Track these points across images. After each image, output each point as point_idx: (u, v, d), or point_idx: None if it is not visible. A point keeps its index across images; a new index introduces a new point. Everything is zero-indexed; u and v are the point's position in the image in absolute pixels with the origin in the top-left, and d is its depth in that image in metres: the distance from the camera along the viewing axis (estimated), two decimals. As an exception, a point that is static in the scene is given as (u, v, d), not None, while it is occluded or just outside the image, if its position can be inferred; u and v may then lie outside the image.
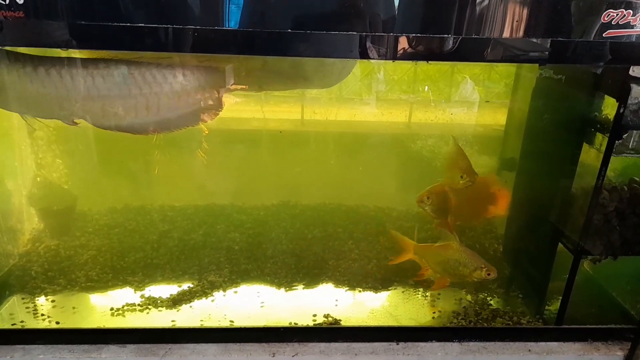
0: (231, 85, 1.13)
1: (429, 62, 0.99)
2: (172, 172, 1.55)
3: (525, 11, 0.91)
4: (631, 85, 0.97)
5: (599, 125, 1.06)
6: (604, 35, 0.92)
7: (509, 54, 0.95)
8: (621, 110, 0.99)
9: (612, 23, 0.91)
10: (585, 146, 1.10)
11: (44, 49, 0.98)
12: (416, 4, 0.91)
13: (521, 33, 0.93)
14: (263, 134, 1.61)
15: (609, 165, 1.09)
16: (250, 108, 1.50)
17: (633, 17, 0.91)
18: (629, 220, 1.10)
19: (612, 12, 0.91)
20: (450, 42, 0.92)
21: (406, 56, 0.94)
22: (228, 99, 1.11)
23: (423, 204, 1.26)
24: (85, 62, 0.99)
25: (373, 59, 0.94)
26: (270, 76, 1.10)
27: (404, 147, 1.62)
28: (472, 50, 0.94)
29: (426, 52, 0.93)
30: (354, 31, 0.89)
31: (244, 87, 1.14)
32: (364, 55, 0.92)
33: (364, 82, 1.55)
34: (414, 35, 0.91)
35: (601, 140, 1.04)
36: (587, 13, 0.91)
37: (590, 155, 1.08)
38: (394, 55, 0.94)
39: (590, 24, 0.91)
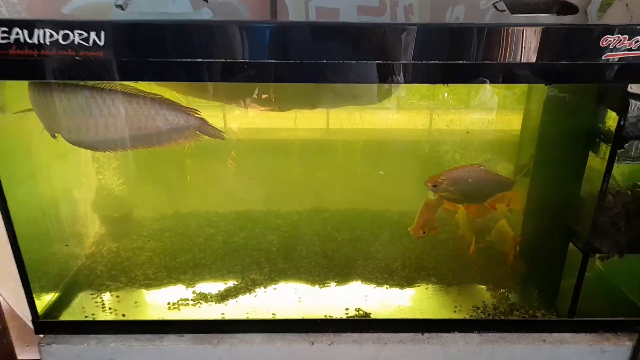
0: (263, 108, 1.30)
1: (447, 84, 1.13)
2: (215, 181, 1.72)
3: (535, 39, 1.04)
4: (629, 100, 1.08)
5: (602, 136, 1.17)
6: (603, 57, 1.04)
7: (520, 75, 1.08)
8: (621, 123, 1.10)
9: (610, 47, 1.03)
10: (591, 154, 1.21)
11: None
12: (437, 37, 1.05)
13: (533, 58, 1.05)
14: (295, 143, 1.76)
15: (616, 171, 1.21)
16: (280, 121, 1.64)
17: (629, 41, 1.03)
18: (633, 221, 1.20)
19: (610, 38, 1.03)
20: (467, 67, 1.05)
21: (428, 80, 1.08)
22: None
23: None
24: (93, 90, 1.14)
25: (401, 83, 1.08)
26: (323, 95, 1.25)
27: (424, 153, 1.74)
28: (489, 73, 1.07)
29: (445, 76, 1.07)
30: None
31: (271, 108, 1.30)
32: (394, 80, 1.07)
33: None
34: (433, 62, 1.05)
35: (605, 149, 1.16)
36: (587, 39, 1.03)
37: (595, 162, 1.20)
38: (417, 80, 1.08)
39: (591, 49, 1.03)
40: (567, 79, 1.10)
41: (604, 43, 1.03)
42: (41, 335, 1.33)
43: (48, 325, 1.33)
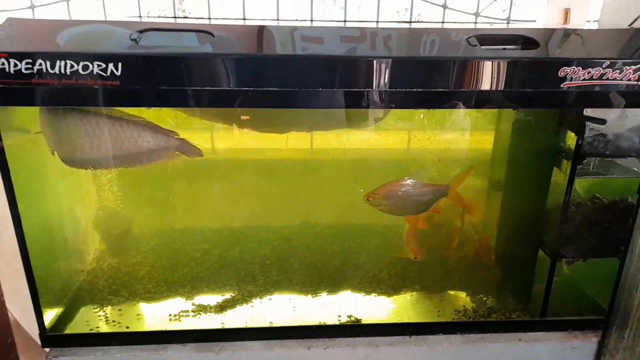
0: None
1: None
2: (207, 199, 1.81)
3: (503, 70, 1.19)
4: (585, 122, 1.25)
5: (564, 153, 1.33)
6: (561, 86, 1.20)
7: (490, 101, 1.23)
8: (579, 142, 1.26)
9: (567, 77, 1.20)
10: (555, 170, 1.37)
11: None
12: (418, 68, 1.19)
13: (502, 86, 1.20)
14: (284, 163, 1.87)
15: (578, 185, 1.36)
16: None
17: (583, 72, 1.19)
18: (593, 229, 1.36)
19: (567, 69, 1.19)
20: (444, 94, 1.20)
21: (404, 105, 1.22)
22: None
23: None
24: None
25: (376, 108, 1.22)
26: (318, 118, 1.37)
27: (404, 171, 1.87)
28: (463, 99, 1.22)
29: (420, 102, 1.21)
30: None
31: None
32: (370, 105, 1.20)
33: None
34: (410, 90, 1.19)
35: (566, 165, 1.31)
36: (548, 70, 1.19)
37: (559, 177, 1.35)
38: (397, 105, 1.22)
39: (551, 78, 1.19)
40: (531, 105, 1.26)
41: (562, 74, 1.19)
42: (47, 350, 1.39)
43: (55, 338, 1.39)
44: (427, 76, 1.18)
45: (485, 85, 1.20)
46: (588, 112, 1.26)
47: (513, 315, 1.49)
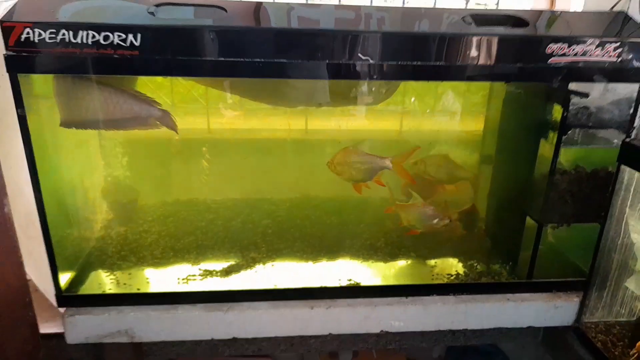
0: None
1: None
2: (212, 172, 1.89)
3: (496, 46, 1.28)
4: (570, 95, 1.35)
5: (551, 125, 1.43)
6: (549, 61, 1.30)
7: (483, 75, 1.32)
8: (565, 114, 1.36)
9: (554, 53, 1.29)
10: (542, 141, 1.47)
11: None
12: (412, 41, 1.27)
13: (494, 61, 1.30)
14: (288, 142, 1.95)
15: (563, 155, 1.47)
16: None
17: (568, 49, 1.29)
18: (577, 196, 1.47)
19: (553, 46, 1.29)
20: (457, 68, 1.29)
21: (399, 77, 1.31)
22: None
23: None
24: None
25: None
26: (329, 95, 1.45)
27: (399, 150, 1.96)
28: (458, 72, 1.31)
29: (426, 75, 1.30)
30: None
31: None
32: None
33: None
34: (409, 63, 1.28)
35: (553, 136, 1.42)
36: (536, 47, 1.28)
37: (546, 148, 1.45)
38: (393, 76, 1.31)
39: (539, 54, 1.29)
40: (521, 78, 1.36)
41: (549, 50, 1.29)
42: (61, 310, 1.46)
43: (70, 298, 1.46)
44: (426, 50, 1.27)
45: (480, 60, 1.30)
46: (572, 85, 1.36)
47: (502, 278, 1.60)
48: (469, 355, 2.08)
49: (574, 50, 1.30)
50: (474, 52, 1.29)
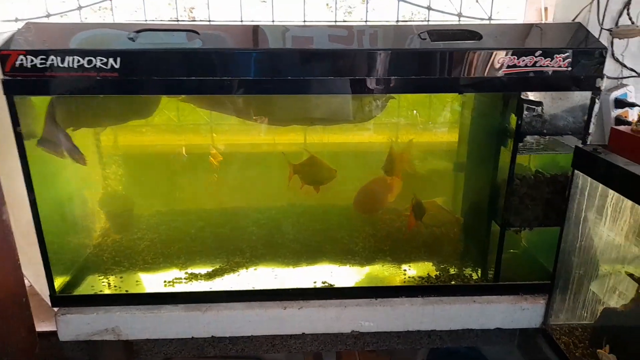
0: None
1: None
2: (203, 183, 2.01)
3: (454, 62, 1.37)
4: (523, 104, 1.42)
5: (508, 133, 1.50)
6: (500, 73, 1.38)
7: (439, 87, 1.41)
8: (519, 122, 1.43)
9: (504, 65, 1.37)
10: (502, 149, 1.54)
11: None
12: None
13: (450, 74, 1.38)
14: (272, 155, 2.06)
15: (523, 160, 1.54)
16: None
17: (517, 60, 1.37)
18: (537, 200, 1.52)
19: (503, 58, 1.37)
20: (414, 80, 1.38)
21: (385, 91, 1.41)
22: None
23: None
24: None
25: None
26: (319, 113, 1.57)
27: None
28: (419, 85, 1.40)
29: (401, 88, 1.40)
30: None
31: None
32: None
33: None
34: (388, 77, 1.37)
35: (510, 143, 1.48)
36: (488, 59, 1.36)
37: (505, 155, 1.52)
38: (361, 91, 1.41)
39: (490, 66, 1.37)
40: (475, 89, 1.44)
41: (500, 62, 1.37)
42: (56, 309, 1.59)
43: (63, 299, 1.59)
44: (383, 66, 1.37)
45: (433, 73, 1.38)
46: (528, 95, 1.43)
47: (470, 281, 1.66)
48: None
49: (523, 61, 1.37)
50: (426, 66, 1.38)
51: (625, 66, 1.61)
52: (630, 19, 1.57)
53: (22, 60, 1.30)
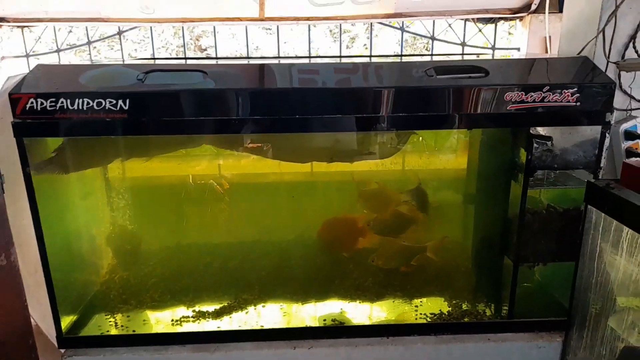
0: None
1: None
2: (210, 217, 2.00)
3: (461, 98, 1.37)
4: (533, 139, 1.41)
5: (518, 167, 1.49)
6: (507, 108, 1.37)
7: (446, 123, 1.41)
8: (529, 157, 1.42)
9: (512, 100, 1.37)
10: (513, 183, 1.52)
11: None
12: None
13: (454, 110, 1.38)
14: (281, 185, 2.05)
15: (535, 195, 1.52)
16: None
17: (525, 96, 1.37)
18: (549, 235, 1.49)
19: (511, 93, 1.37)
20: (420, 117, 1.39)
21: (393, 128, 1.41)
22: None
23: None
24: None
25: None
26: (342, 151, 1.59)
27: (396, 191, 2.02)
28: (423, 123, 1.40)
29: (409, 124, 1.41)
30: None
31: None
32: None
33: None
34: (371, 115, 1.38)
35: (521, 178, 1.47)
36: (494, 94, 1.36)
37: (516, 189, 1.50)
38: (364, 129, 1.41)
39: (498, 102, 1.37)
40: (483, 125, 1.43)
41: (507, 98, 1.37)
42: (63, 350, 1.57)
43: (70, 340, 1.57)
44: (389, 103, 1.37)
45: (440, 109, 1.38)
46: (534, 130, 1.42)
47: (484, 318, 1.62)
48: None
49: (531, 96, 1.37)
50: (433, 103, 1.38)
51: (633, 98, 1.60)
52: (636, 51, 1.57)
53: (32, 103, 1.32)
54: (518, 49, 3.09)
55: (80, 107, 1.32)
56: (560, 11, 2.17)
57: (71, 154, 1.56)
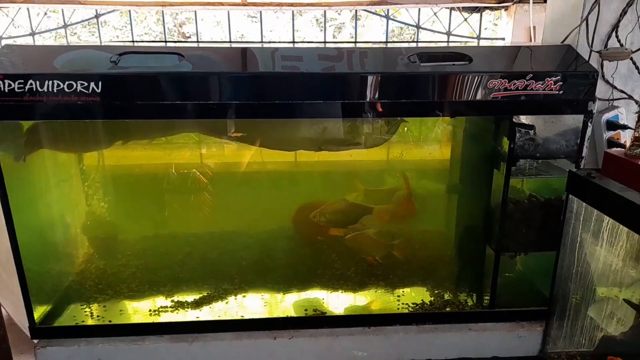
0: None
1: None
2: (190, 207, 1.96)
3: (444, 86, 1.35)
4: (515, 128, 1.39)
5: (501, 156, 1.47)
6: (491, 96, 1.36)
7: (430, 111, 1.38)
8: (512, 146, 1.40)
9: (495, 88, 1.35)
10: (495, 172, 1.51)
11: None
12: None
13: (440, 97, 1.36)
14: (263, 175, 2.01)
15: (517, 184, 1.51)
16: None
17: (509, 84, 1.35)
18: (531, 225, 1.49)
19: (494, 81, 1.35)
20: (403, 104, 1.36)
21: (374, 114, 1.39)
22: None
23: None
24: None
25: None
26: (330, 139, 1.56)
27: (381, 180, 2.00)
28: (408, 109, 1.38)
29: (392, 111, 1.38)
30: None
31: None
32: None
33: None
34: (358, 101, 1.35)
35: (503, 167, 1.46)
36: (478, 82, 1.34)
37: (499, 178, 1.49)
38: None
39: (481, 89, 1.35)
40: (467, 113, 1.41)
41: (491, 85, 1.35)
42: (36, 341, 1.52)
43: (43, 330, 1.52)
44: (371, 90, 1.34)
45: (423, 96, 1.36)
46: (517, 118, 1.41)
47: (466, 307, 1.61)
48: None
49: (515, 84, 1.35)
50: (416, 90, 1.35)
51: (615, 88, 1.60)
52: (619, 41, 1.57)
53: None
54: (503, 39, 3.08)
55: (51, 90, 1.27)
56: (545, 1, 2.16)
57: (44, 138, 1.50)
